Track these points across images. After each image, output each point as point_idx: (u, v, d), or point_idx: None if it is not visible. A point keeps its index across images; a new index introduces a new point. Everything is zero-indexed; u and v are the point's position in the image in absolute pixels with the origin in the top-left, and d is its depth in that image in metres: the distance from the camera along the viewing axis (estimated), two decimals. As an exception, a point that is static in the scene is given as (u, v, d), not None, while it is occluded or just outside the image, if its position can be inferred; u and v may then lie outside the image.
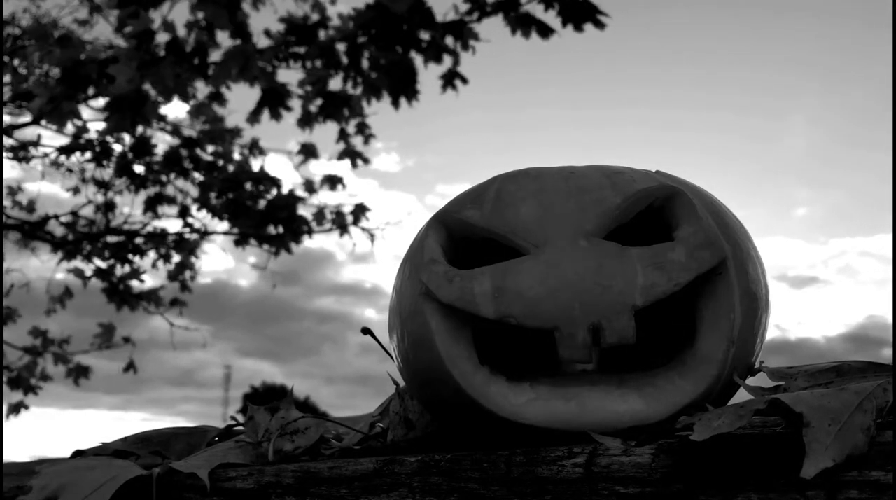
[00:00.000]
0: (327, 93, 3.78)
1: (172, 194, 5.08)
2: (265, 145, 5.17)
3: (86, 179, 5.19)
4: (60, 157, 5.00)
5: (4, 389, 5.01)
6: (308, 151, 4.90)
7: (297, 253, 4.76)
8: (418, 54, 3.37)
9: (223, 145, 4.91)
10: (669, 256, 0.65)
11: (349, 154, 4.54)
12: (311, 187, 4.97)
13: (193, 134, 4.94)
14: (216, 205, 4.88)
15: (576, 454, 0.57)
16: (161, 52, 3.21)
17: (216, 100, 4.29)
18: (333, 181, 4.98)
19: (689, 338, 0.67)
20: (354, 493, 0.65)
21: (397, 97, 3.50)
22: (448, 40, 3.36)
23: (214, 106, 4.45)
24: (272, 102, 3.72)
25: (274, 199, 4.73)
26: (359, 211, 4.89)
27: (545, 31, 3.27)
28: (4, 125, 4.90)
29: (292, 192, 4.80)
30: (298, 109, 3.93)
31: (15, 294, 5.44)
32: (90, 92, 3.53)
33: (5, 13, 5.13)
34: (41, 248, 5.43)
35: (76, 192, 5.25)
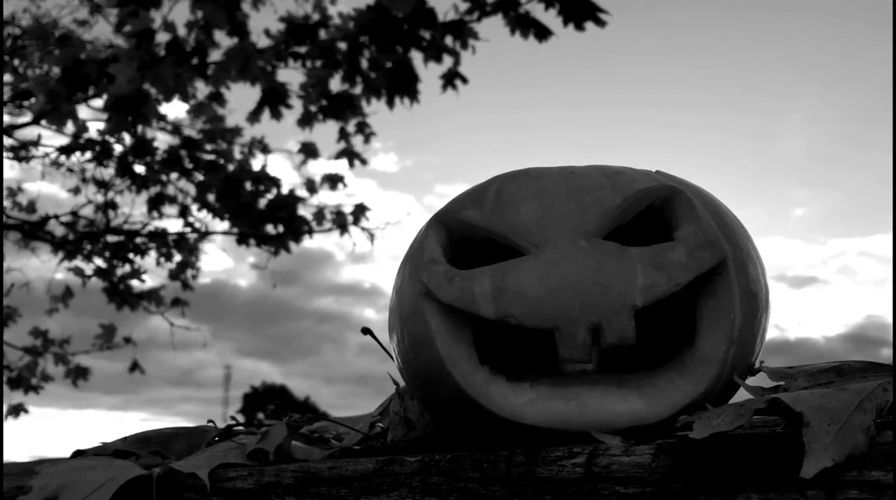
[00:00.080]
0: (330, 94, 3.78)
1: (173, 194, 5.09)
2: (268, 145, 5.16)
3: (86, 179, 5.19)
4: (60, 157, 5.01)
5: (5, 389, 5.01)
6: (308, 151, 4.89)
7: (296, 253, 4.76)
8: (419, 53, 3.37)
9: (223, 145, 4.90)
10: (669, 256, 0.65)
11: (347, 154, 4.54)
12: (312, 187, 4.96)
13: (193, 134, 4.94)
14: (216, 205, 4.88)
15: (576, 454, 0.57)
16: (161, 51, 3.21)
17: (216, 100, 4.29)
18: (334, 180, 4.98)
19: (689, 338, 0.66)
20: (354, 493, 0.65)
21: (393, 97, 3.50)
22: (448, 40, 3.35)
23: (214, 106, 4.45)
24: (272, 102, 3.72)
25: (274, 198, 4.73)
26: (359, 211, 4.89)
27: (542, 33, 3.27)
28: (4, 125, 4.90)
29: (292, 192, 4.80)
30: (299, 109, 3.94)
31: (15, 294, 5.45)
32: (90, 92, 3.53)
33: (5, 13, 5.13)
34: (41, 248, 5.44)
35: (76, 192, 5.26)
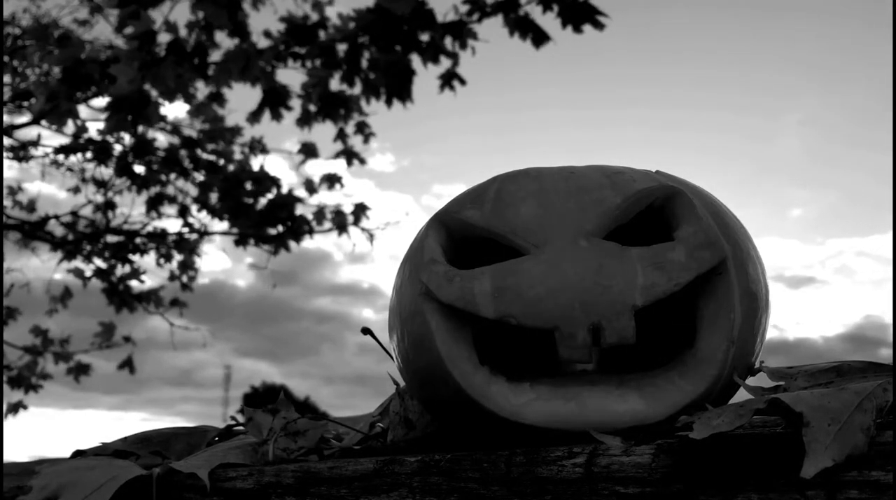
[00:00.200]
0: (327, 94, 3.78)
1: (173, 194, 5.08)
2: (266, 145, 5.16)
3: (85, 178, 5.19)
4: (60, 157, 5.00)
5: (4, 388, 5.01)
6: (308, 151, 4.89)
7: (295, 253, 4.77)
8: (418, 55, 3.37)
9: (223, 145, 4.90)
10: (669, 256, 0.65)
11: (346, 154, 4.54)
12: (311, 187, 4.96)
13: (193, 134, 4.94)
14: (216, 205, 4.88)
15: (576, 454, 0.57)
16: (162, 52, 3.21)
17: (216, 100, 4.29)
18: (332, 180, 4.98)
19: (689, 338, 0.66)
20: (354, 493, 0.65)
21: (391, 97, 3.50)
22: (447, 41, 3.35)
23: (214, 106, 4.45)
24: (273, 102, 3.72)
25: (274, 198, 4.73)
26: (359, 211, 4.89)
27: (540, 38, 3.26)
28: (4, 125, 4.90)
29: (291, 191, 4.80)
30: (298, 109, 3.94)
31: (15, 294, 5.44)
32: (90, 92, 3.53)
33: (5, 13, 5.13)
34: (41, 248, 5.44)
35: (76, 192, 5.26)
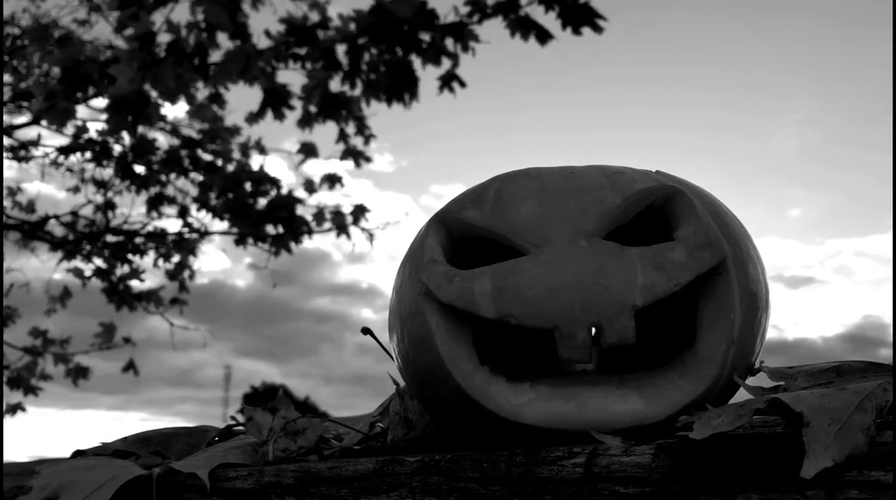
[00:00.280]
0: (327, 94, 3.78)
1: (172, 194, 5.08)
2: (265, 145, 5.16)
3: (85, 179, 5.19)
4: (60, 157, 5.00)
5: (4, 389, 5.01)
6: (308, 150, 4.89)
7: (294, 253, 4.75)
8: (418, 57, 3.37)
9: (223, 145, 4.90)
10: (669, 256, 0.65)
11: (351, 154, 4.54)
12: (311, 187, 4.96)
13: (193, 134, 4.94)
14: (216, 205, 4.88)
15: (576, 454, 0.57)
16: (162, 52, 3.21)
17: (216, 101, 4.29)
18: (332, 180, 4.98)
19: (689, 338, 0.66)
20: (354, 493, 0.65)
21: (391, 97, 3.49)
22: (448, 42, 3.35)
23: (214, 107, 4.45)
24: (274, 103, 3.72)
25: (273, 198, 4.73)
26: (358, 211, 4.89)
27: (543, 36, 3.26)
28: (4, 125, 4.90)
29: (291, 192, 4.79)
30: (298, 110, 3.94)
31: (15, 294, 5.44)
32: (90, 92, 3.53)
33: (5, 13, 5.13)
34: (41, 248, 5.43)
35: (76, 192, 5.26)
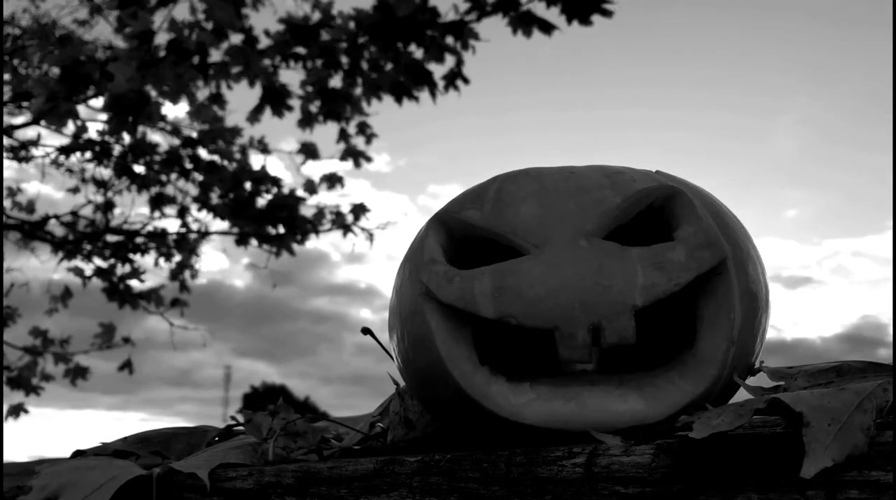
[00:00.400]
0: (327, 91, 3.78)
1: (173, 194, 5.08)
2: (266, 144, 5.15)
3: (85, 179, 5.19)
4: (60, 157, 5.00)
5: (5, 389, 5.01)
6: (308, 151, 4.89)
7: (294, 253, 4.75)
8: (421, 51, 3.36)
9: (223, 144, 4.90)
10: (669, 256, 0.65)
11: (351, 154, 4.53)
12: (312, 187, 4.96)
13: (193, 134, 4.94)
14: (216, 205, 4.88)
15: (576, 454, 0.57)
16: (162, 52, 3.21)
17: (216, 101, 4.29)
18: (333, 180, 4.97)
19: (689, 338, 0.66)
20: (354, 493, 0.65)
21: (400, 95, 3.49)
22: (448, 40, 3.35)
23: (214, 107, 4.45)
24: (273, 101, 3.71)
25: (274, 198, 4.73)
26: (358, 211, 4.89)
27: (547, 27, 3.24)
28: (4, 125, 4.90)
29: (293, 192, 4.79)
30: (298, 110, 3.93)
31: (15, 294, 5.44)
32: (90, 92, 3.53)
33: (5, 13, 5.13)
34: (41, 248, 5.43)
35: (76, 192, 5.26)
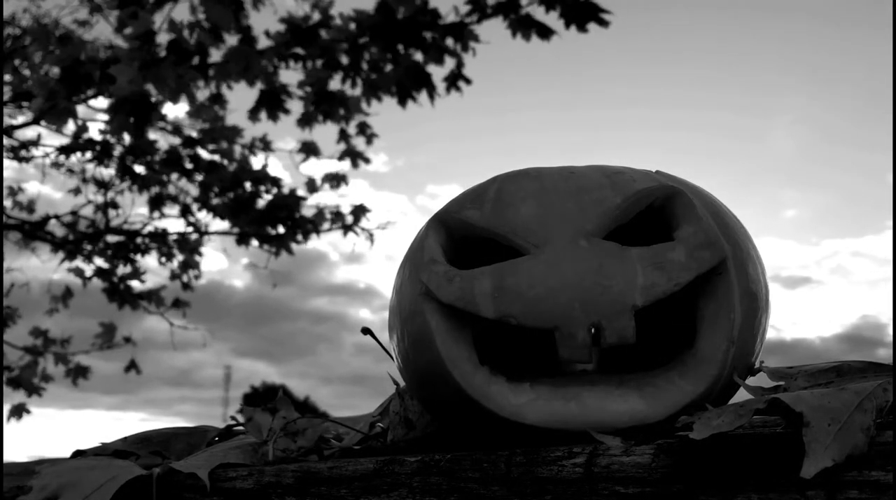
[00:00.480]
0: (325, 92, 3.78)
1: (174, 194, 5.08)
2: (269, 142, 5.13)
3: (86, 179, 5.19)
4: (60, 157, 5.00)
5: (5, 389, 5.01)
6: (309, 150, 4.89)
7: (294, 253, 4.75)
8: (421, 54, 3.37)
9: (224, 144, 4.89)
10: (669, 256, 0.65)
11: (350, 154, 4.54)
12: (314, 187, 4.95)
13: (193, 134, 4.93)
14: (216, 205, 4.88)
15: (576, 454, 0.57)
16: (162, 52, 3.21)
17: (216, 101, 4.29)
18: (336, 179, 4.97)
19: (689, 338, 0.66)
20: (354, 493, 0.65)
21: (403, 97, 3.49)
22: (448, 42, 3.35)
23: (215, 107, 4.45)
24: (270, 104, 3.71)
25: (274, 198, 4.73)
26: (359, 211, 4.89)
27: (545, 32, 3.26)
28: (4, 125, 4.90)
29: (293, 192, 4.79)
30: (298, 109, 3.94)
31: (15, 294, 5.44)
32: (90, 92, 3.53)
33: (5, 13, 5.13)
34: (41, 248, 5.43)
35: (77, 192, 5.26)
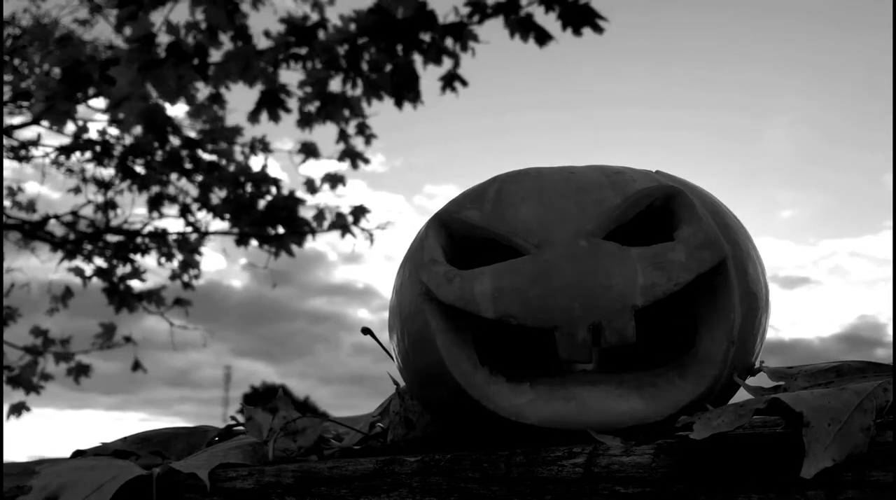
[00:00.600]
0: (326, 93, 3.78)
1: (174, 194, 5.08)
2: (268, 143, 5.13)
3: (86, 178, 5.19)
4: (60, 157, 5.00)
5: (5, 388, 5.01)
6: (308, 150, 4.89)
7: (293, 254, 4.75)
8: (419, 55, 3.37)
9: (224, 145, 4.89)
10: (669, 256, 0.65)
11: (349, 155, 4.54)
12: (313, 187, 4.95)
13: (193, 134, 4.93)
14: (217, 205, 4.88)
15: (576, 454, 0.57)
16: (162, 53, 3.21)
17: (216, 102, 4.29)
18: (334, 180, 4.97)
19: (689, 338, 0.66)
20: (354, 493, 0.65)
21: (400, 98, 3.49)
22: (448, 42, 3.35)
23: (214, 107, 4.44)
24: (270, 104, 3.71)
25: (274, 199, 4.73)
26: (358, 212, 4.89)
27: (543, 37, 3.26)
28: (4, 125, 4.90)
29: (293, 193, 4.79)
30: (297, 110, 3.93)
31: (15, 294, 5.44)
32: (90, 92, 3.53)
33: (5, 13, 5.13)
34: (41, 248, 5.43)
35: (77, 192, 5.26)
